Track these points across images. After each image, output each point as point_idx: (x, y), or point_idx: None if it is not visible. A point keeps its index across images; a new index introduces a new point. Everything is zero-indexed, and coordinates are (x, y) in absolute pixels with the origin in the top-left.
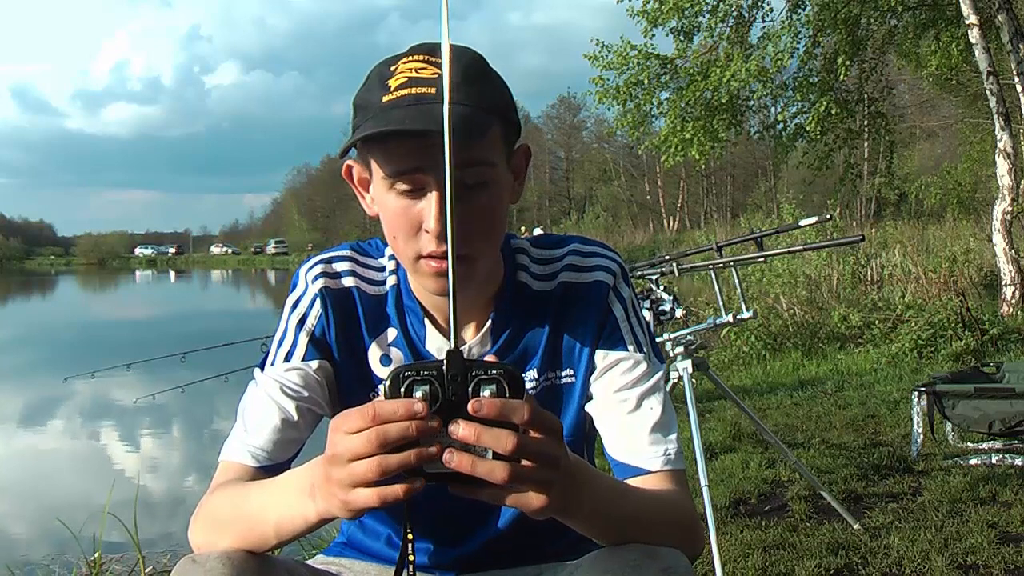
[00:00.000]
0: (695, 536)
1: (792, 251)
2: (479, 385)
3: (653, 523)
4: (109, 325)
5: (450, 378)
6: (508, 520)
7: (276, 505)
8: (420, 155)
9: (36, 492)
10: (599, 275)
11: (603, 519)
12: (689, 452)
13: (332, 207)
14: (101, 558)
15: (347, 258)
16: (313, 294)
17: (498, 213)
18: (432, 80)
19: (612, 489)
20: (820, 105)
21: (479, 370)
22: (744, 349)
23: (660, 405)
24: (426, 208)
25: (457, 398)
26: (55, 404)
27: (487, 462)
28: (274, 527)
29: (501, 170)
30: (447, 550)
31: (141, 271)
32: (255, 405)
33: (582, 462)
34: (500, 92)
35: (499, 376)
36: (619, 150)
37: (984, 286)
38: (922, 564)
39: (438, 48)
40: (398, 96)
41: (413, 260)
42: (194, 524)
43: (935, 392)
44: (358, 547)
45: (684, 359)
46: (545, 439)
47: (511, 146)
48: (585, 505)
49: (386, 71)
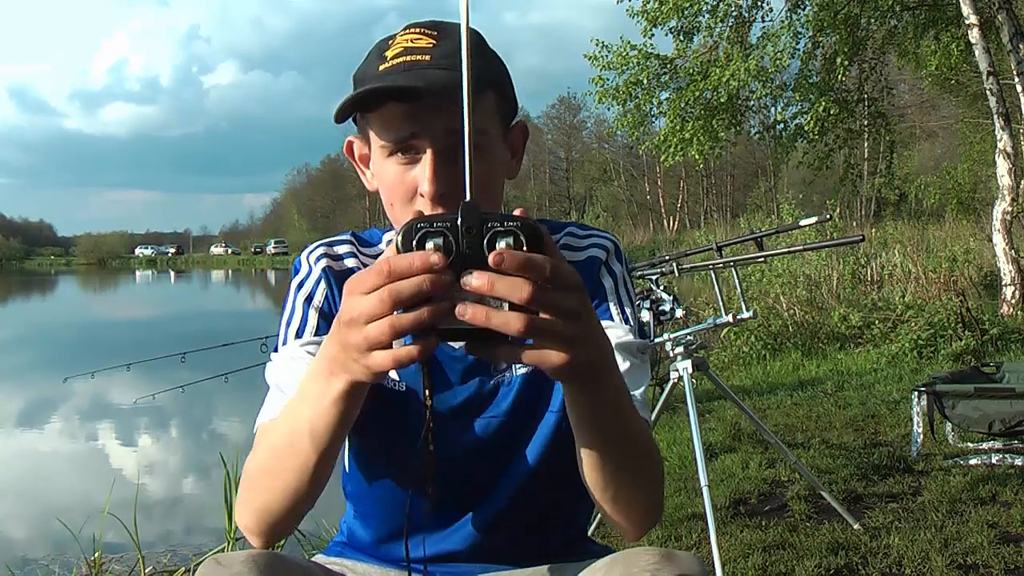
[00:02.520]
0: (660, 490)
1: (792, 251)
2: (495, 237)
3: (648, 452)
4: (109, 325)
5: (464, 230)
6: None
7: (303, 408)
8: (414, 120)
9: (36, 492)
10: (593, 251)
11: (616, 412)
12: (689, 452)
13: (332, 207)
14: (101, 558)
15: (348, 242)
16: (318, 274)
17: (491, 183)
18: (427, 49)
19: (624, 387)
20: (819, 105)
21: (496, 222)
22: (744, 349)
23: (631, 363)
24: (420, 173)
25: (472, 251)
26: (55, 404)
27: (502, 313)
28: (308, 433)
29: (495, 140)
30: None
31: (141, 271)
32: (280, 372)
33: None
34: (495, 65)
35: (515, 228)
36: (619, 150)
37: (984, 286)
38: (922, 564)
39: (435, 24)
40: (393, 64)
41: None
42: (238, 499)
43: (935, 392)
44: (358, 547)
45: (684, 359)
46: (566, 292)
47: (507, 120)
48: (607, 379)
49: (384, 44)
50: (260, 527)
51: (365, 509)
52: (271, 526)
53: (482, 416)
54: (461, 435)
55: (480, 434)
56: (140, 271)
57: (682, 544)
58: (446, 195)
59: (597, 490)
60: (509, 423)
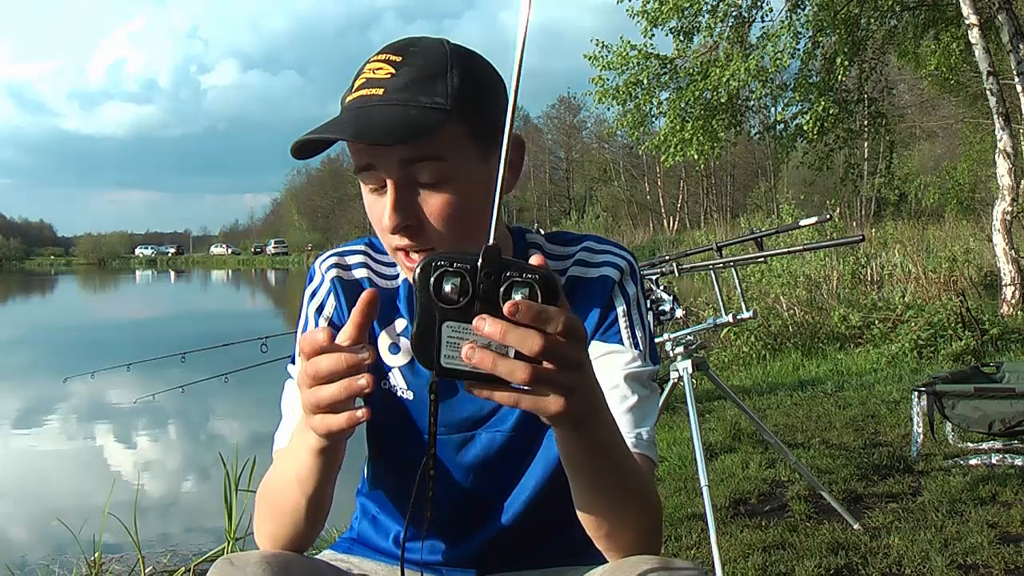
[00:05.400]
0: (658, 534)
1: (792, 251)
2: (512, 287)
3: (642, 491)
4: (109, 325)
5: (483, 275)
6: (512, 517)
7: (291, 456)
8: (369, 154)
9: (36, 492)
10: (606, 270)
11: (609, 452)
12: (689, 452)
13: (332, 207)
14: (101, 558)
15: (361, 252)
16: (328, 285)
17: (465, 206)
18: (383, 81)
19: (615, 425)
20: (818, 105)
21: (514, 270)
22: (744, 349)
23: (640, 396)
24: (384, 204)
25: (487, 296)
26: (55, 404)
27: (509, 361)
28: (296, 480)
29: (462, 165)
30: (449, 548)
31: (141, 271)
32: (290, 396)
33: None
34: (467, 88)
35: (533, 280)
36: (619, 150)
37: (984, 286)
38: (922, 564)
39: (404, 47)
40: (352, 98)
41: (393, 253)
42: (255, 518)
43: (935, 392)
44: (367, 544)
45: (684, 359)
46: (572, 344)
47: (482, 140)
48: (599, 422)
49: (360, 69)
50: (274, 548)
51: (374, 510)
52: (283, 548)
53: (487, 429)
54: (466, 448)
55: (486, 447)
56: (140, 271)
57: (682, 544)
58: (412, 226)
59: (590, 528)
60: (515, 437)
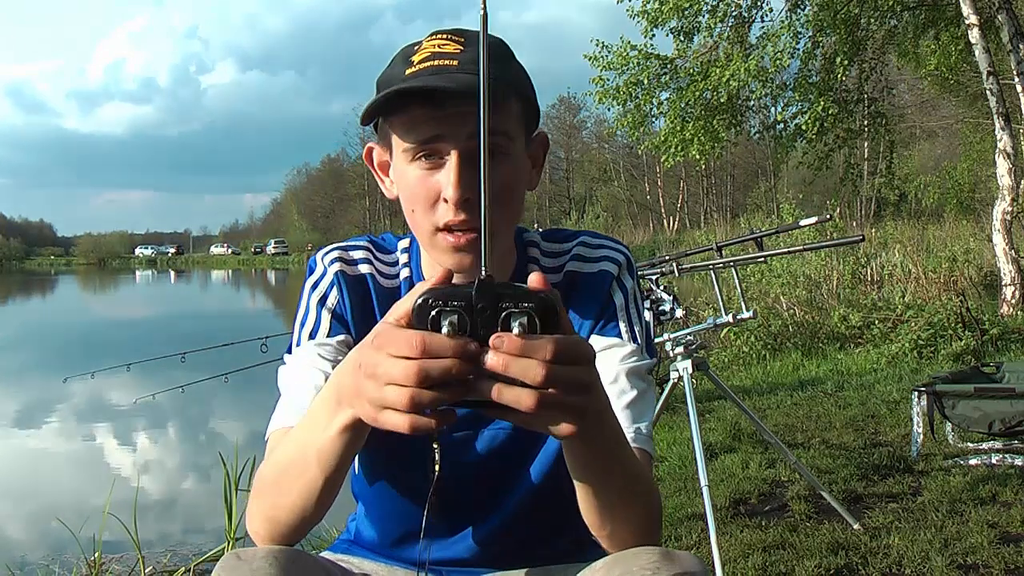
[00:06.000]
0: (658, 527)
1: (792, 251)
2: (509, 319)
3: (645, 491)
4: (109, 325)
5: (479, 309)
6: (513, 514)
7: (310, 432)
8: (438, 123)
9: (35, 492)
10: (604, 265)
11: (614, 455)
12: (689, 452)
13: (332, 207)
14: (101, 558)
15: (364, 247)
16: (331, 277)
17: (515, 190)
18: (454, 54)
19: (619, 427)
20: (818, 105)
21: (509, 301)
22: (744, 349)
23: (639, 391)
24: (444, 178)
25: (486, 331)
26: (55, 404)
27: (515, 389)
28: (315, 457)
29: (519, 147)
30: (451, 545)
31: (141, 271)
32: (292, 376)
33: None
34: (519, 73)
35: (530, 309)
36: (619, 150)
37: (984, 286)
38: (922, 564)
39: (461, 31)
40: (421, 67)
41: (431, 234)
42: (250, 504)
43: (935, 392)
44: (364, 545)
45: (684, 359)
46: (576, 368)
47: (530, 129)
48: (607, 431)
49: (410, 50)
50: (269, 536)
51: (372, 510)
52: (279, 535)
53: (489, 427)
54: (468, 446)
55: (487, 445)
56: (140, 271)
57: (682, 544)
58: (470, 200)
59: (594, 525)
60: (516, 435)
